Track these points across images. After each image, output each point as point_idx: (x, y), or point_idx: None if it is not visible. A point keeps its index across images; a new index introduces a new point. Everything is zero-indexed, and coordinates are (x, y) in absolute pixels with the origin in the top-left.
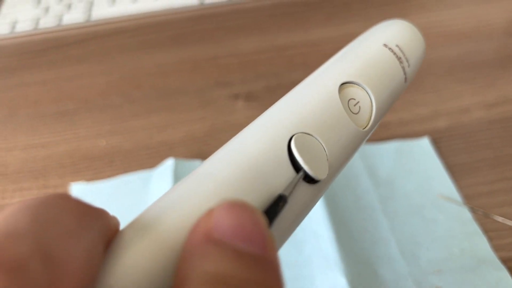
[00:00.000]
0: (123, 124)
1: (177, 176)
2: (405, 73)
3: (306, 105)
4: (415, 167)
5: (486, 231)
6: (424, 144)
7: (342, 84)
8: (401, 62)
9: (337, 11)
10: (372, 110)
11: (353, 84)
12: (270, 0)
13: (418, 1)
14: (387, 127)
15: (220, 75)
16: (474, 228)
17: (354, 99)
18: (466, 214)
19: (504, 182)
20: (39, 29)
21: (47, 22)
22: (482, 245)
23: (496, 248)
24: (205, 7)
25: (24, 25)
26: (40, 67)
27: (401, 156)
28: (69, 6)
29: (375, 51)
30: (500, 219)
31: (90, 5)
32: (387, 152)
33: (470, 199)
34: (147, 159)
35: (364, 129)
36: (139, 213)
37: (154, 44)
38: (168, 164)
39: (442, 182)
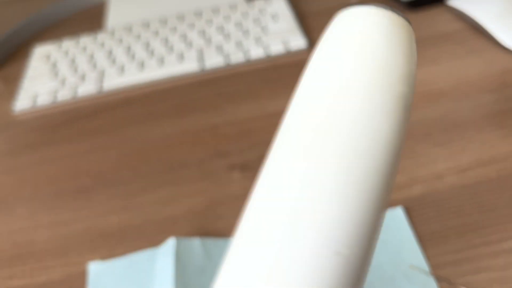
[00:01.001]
0: (133, 199)
1: (179, 256)
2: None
3: None
4: (389, 238)
5: None
6: (398, 214)
7: None
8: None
9: None
10: None
11: None
12: (262, 63)
13: None
14: None
15: (218, 144)
16: None
17: None
18: (432, 284)
19: (469, 250)
20: (57, 102)
21: (64, 95)
22: None
23: None
24: (205, 73)
25: (44, 98)
26: (58, 142)
27: None
28: (83, 78)
29: None
30: None
31: (102, 75)
32: None
33: (437, 268)
34: (154, 235)
35: None
36: None
37: (159, 114)
38: (170, 244)
39: (413, 253)
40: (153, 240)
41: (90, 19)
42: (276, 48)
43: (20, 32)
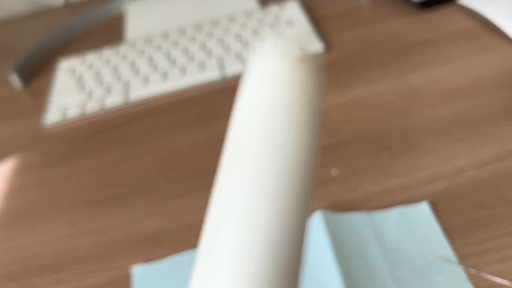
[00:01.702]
0: (168, 204)
1: None
2: None
3: None
4: (417, 232)
5: None
6: (424, 209)
7: None
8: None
9: (343, 73)
10: None
11: None
12: None
13: (416, 58)
14: (391, 193)
15: None
16: (468, 287)
17: None
18: (461, 273)
19: (494, 241)
20: (86, 115)
21: (92, 107)
22: None
23: None
24: (226, 81)
25: (73, 111)
26: (90, 153)
27: (403, 222)
28: (109, 90)
29: None
30: (489, 276)
31: (127, 86)
32: (391, 219)
33: (464, 259)
34: (191, 238)
35: None
36: None
37: (185, 122)
38: None
39: (440, 245)
40: (191, 242)
41: (110, 31)
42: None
43: (44, 47)
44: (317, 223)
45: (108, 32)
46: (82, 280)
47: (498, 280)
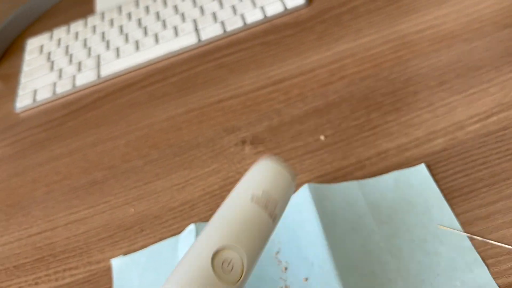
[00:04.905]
0: (147, 187)
1: None
2: (272, 217)
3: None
4: (415, 198)
5: (485, 258)
6: (421, 172)
7: (216, 251)
8: (267, 209)
9: (327, 26)
10: (243, 264)
11: (225, 248)
12: (260, 26)
13: (405, 3)
14: (386, 157)
15: (226, 119)
16: (474, 256)
17: (227, 260)
18: (466, 242)
19: (501, 202)
20: (57, 95)
21: (63, 86)
22: (482, 274)
23: (495, 276)
24: (203, 44)
25: (43, 93)
26: (65, 136)
27: (400, 187)
28: (79, 66)
29: (243, 209)
30: (497, 244)
31: (98, 61)
32: (386, 185)
33: (469, 225)
34: (173, 223)
35: (237, 283)
36: None
37: (161, 94)
38: (190, 229)
39: (441, 211)
40: (172, 228)
41: (80, 5)
42: (273, 7)
43: (11, 26)
44: (304, 198)
45: (78, 5)
46: (61, 279)
47: (507, 247)
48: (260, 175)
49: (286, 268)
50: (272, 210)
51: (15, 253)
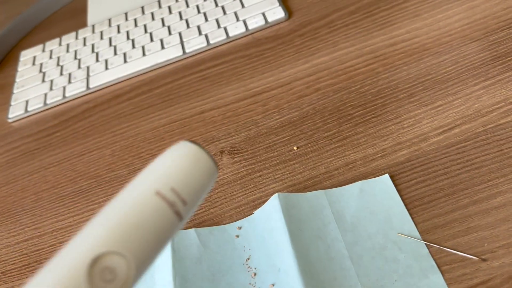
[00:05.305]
0: None
1: (175, 248)
2: (179, 214)
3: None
4: (377, 207)
5: (441, 265)
6: (385, 182)
7: (95, 257)
8: (173, 206)
9: (305, 40)
10: (129, 272)
11: (108, 254)
12: (242, 39)
13: (381, 16)
14: (353, 167)
15: (206, 130)
16: (430, 263)
17: (109, 268)
18: (423, 249)
19: (458, 212)
20: (48, 105)
21: (54, 97)
22: (437, 280)
23: (449, 282)
24: (187, 56)
25: (35, 103)
26: (53, 146)
27: (364, 197)
28: (70, 77)
29: (142, 204)
30: (452, 251)
31: (88, 72)
32: (351, 195)
33: (427, 233)
34: None
35: None
36: None
37: (146, 106)
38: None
39: (402, 219)
40: None
41: (74, 16)
42: (255, 20)
43: (6, 38)
44: (274, 207)
45: (72, 17)
46: None
47: (461, 254)
48: (174, 162)
49: (255, 274)
50: (181, 206)
51: (3, 259)
